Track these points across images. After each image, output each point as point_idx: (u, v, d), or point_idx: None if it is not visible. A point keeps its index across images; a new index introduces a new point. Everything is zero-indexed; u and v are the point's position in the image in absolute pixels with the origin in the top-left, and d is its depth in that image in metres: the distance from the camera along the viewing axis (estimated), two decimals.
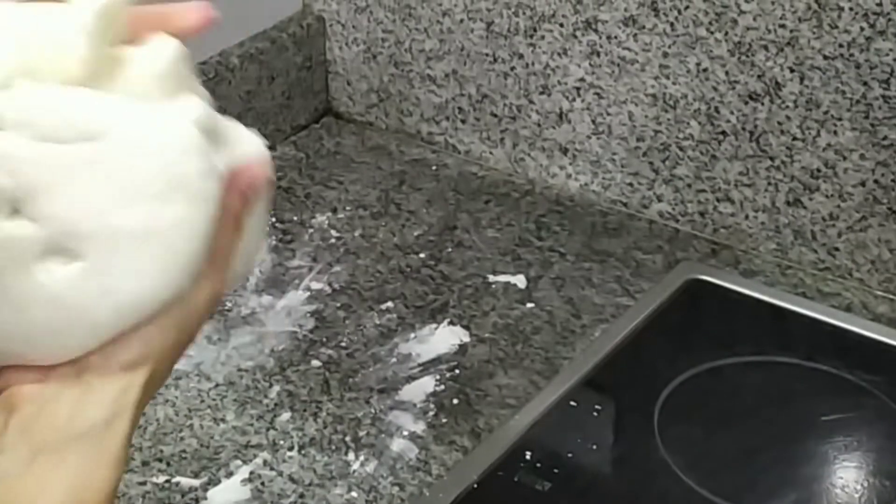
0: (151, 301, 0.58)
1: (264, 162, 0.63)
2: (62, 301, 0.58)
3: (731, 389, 0.96)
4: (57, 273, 0.57)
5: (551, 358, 0.99)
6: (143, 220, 0.57)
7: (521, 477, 0.87)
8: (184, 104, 0.61)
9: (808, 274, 1.09)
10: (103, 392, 0.58)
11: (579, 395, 0.94)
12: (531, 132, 1.19)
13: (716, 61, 1.06)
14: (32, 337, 0.58)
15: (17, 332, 0.58)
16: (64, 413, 0.57)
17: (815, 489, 0.88)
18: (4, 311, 0.58)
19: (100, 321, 0.58)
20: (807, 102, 1.03)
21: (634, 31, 1.09)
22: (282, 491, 0.88)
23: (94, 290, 0.57)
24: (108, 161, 0.57)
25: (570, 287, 1.07)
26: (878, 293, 1.06)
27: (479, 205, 1.18)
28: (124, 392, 0.58)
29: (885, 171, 1.02)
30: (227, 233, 0.60)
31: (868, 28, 0.99)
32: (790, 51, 1.03)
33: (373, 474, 0.89)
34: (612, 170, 1.16)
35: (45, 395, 0.58)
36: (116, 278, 0.58)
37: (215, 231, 0.59)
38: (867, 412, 0.94)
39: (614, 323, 1.02)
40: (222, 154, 0.60)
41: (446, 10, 1.19)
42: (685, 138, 1.11)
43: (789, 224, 1.09)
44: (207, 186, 0.58)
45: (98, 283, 0.57)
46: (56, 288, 0.57)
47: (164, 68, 0.61)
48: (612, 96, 1.13)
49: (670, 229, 1.15)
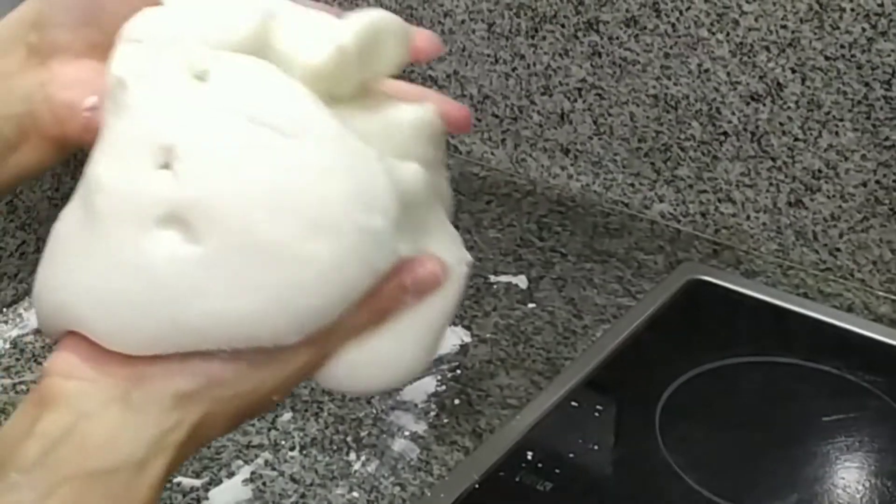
0: (243, 330, 0.52)
1: (450, 277, 0.58)
2: (154, 277, 0.52)
3: (733, 390, 0.96)
4: (166, 246, 0.52)
5: (553, 358, 0.99)
6: (285, 237, 0.52)
7: (523, 477, 0.87)
8: (404, 167, 0.56)
9: (809, 274, 1.09)
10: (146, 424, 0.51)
11: (581, 396, 0.94)
12: (533, 133, 1.19)
13: (717, 62, 1.06)
14: (106, 303, 0.52)
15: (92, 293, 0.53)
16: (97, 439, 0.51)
17: (816, 490, 0.88)
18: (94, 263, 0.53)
19: (181, 321, 0.52)
20: (808, 103, 1.03)
21: (636, 31, 1.09)
22: (283, 491, 0.88)
23: (192, 283, 0.52)
24: (288, 163, 0.52)
25: (571, 287, 1.07)
26: (880, 293, 1.06)
27: (480, 205, 1.18)
28: (170, 430, 0.52)
29: (886, 172, 1.02)
30: (361, 315, 0.55)
31: (870, 29, 0.99)
32: (792, 52, 1.03)
33: (374, 474, 0.89)
34: (614, 170, 1.16)
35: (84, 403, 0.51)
36: (222, 283, 0.52)
37: (350, 302, 0.53)
38: (869, 413, 0.94)
39: (616, 323, 1.02)
40: (410, 241, 0.56)
41: (448, 10, 1.19)
42: (686, 139, 1.11)
43: (791, 225, 1.09)
44: (370, 253, 0.53)
45: (203, 277, 0.52)
46: (155, 260, 0.52)
47: (411, 122, 0.59)
48: (613, 97, 1.13)
49: (672, 230, 1.15)
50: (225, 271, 0.52)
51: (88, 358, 0.53)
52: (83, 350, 0.53)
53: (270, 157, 0.52)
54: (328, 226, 0.52)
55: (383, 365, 0.59)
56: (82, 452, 0.50)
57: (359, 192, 0.53)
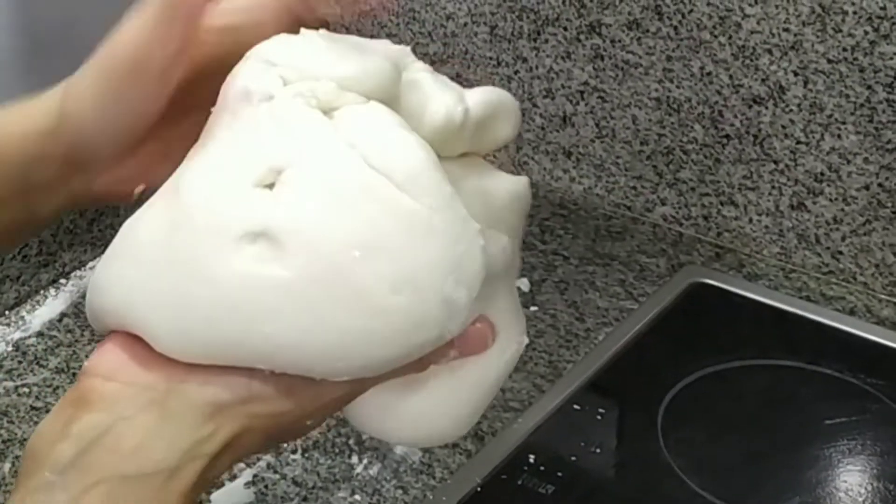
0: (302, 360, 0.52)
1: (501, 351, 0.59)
2: (230, 289, 0.52)
3: (735, 393, 0.96)
4: (249, 261, 0.52)
5: (555, 361, 0.99)
6: (371, 284, 0.52)
7: (525, 480, 0.87)
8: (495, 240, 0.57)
9: (811, 277, 1.09)
10: (181, 432, 0.51)
11: (583, 399, 0.94)
12: (535, 135, 1.19)
13: (719, 65, 1.06)
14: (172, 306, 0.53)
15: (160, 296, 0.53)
16: (132, 442, 0.51)
17: (819, 493, 0.88)
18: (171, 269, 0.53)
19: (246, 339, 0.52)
20: (810, 106, 1.03)
21: (638, 34, 1.09)
22: (285, 494, 0.88)
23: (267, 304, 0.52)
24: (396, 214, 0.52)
25: (573, 290, 1.07)
26: (882, 296, 1.06)
27: None
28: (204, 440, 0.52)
29: (889, 175, 1.02)
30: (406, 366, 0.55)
31: (872, 32, 0.99)
32: (794, 55, 1.03)
33: (376, 477, 0.89)
34: (616, 173, 1.16)
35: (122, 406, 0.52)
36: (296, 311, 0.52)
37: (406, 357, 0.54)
38: (871, 416, 0.94)
39: (618, 326, 1.02)
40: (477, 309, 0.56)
41: (450, 13, 1.19)
42: (689, 142, 1.11)
43: (793, 228, 1.09)
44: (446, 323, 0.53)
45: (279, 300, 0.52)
46: (235, 272, 0.52)
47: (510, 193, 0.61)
48: (615, 100, 1.13)
49: (674, 233, 1.15)
50: (302, 300, 0.52)
51: (132, 360, 0.53)
52: (129, 352, 0.53)
53: (379, 203, 0.52)
54: (417, 287, 0.52)
55: (413, 418, 0.60)
56: (116, 455, 0.50)
57: (455, 263, 0.53)
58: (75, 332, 1.01)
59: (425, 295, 0.52)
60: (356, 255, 0.51)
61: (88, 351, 0.99)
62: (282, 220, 0.52)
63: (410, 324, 0.53)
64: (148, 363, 0.53)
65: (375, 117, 0.55)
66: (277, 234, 0.52)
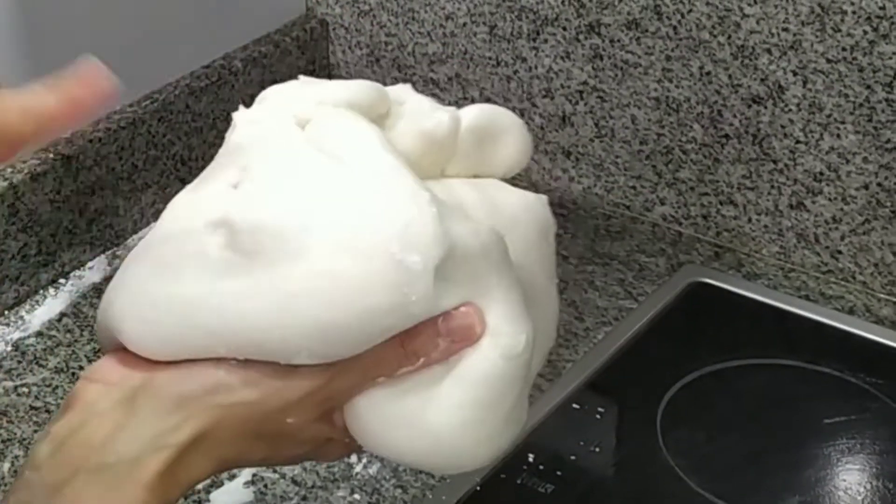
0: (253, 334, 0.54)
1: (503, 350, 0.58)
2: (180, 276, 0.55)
3: (735, 392, 0.96)
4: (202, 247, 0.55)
5: (554, 361, 0.99)
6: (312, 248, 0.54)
7: (524, 479, 0.87)
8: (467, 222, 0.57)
9: (811, 277, 1.09)
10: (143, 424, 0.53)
11: (582, 398, 0.94)
12: (534, 135, 1.19)
13: (719, 65, 1.06)
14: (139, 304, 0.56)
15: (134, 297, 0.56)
16: (100, 435, 0.53)
17: (818, 492, 0.88)
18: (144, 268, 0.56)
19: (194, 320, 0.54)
20: (810, 106, 1.04)
21: (637, 34, 1.09)
22: (284, 493, 0.88)
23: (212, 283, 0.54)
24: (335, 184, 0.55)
25: (573, 290, 1.07)
26: (882, 296, 1.06)
27: None
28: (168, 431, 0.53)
29: (888, 174, 1.02)
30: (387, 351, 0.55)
31: (871, 31, 0.99)
32: (793, 54, 1.03)
33: (375, 476, 0.89)
34: (615, 173, 1.16)
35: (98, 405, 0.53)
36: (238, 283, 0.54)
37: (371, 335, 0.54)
38: (871, 415, 0.94)
39: (617, 326, 1.02)
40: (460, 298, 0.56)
41: (449, 13, 1.19)
42: (688, 141, 1.11)
43: (792, 227, 1.09)
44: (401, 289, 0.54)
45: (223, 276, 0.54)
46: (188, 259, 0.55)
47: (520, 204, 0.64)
48: (615, 99, 1.13)
49: (673, 232, 1.15)
50: (246, 273, 0.54)
51: (119, 363, 0.55)
52: (119, 357, 0.56)
53: (321, 178, 0.55)
54: (360, 248, 0.53)
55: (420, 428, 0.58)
56: (86, 449, 0.52)
57: (401, 226, 0.54)
58: (74, 331, 1.01)
59: (371, 257, 0.53)
60: (296, 225, 0.54)
61: (88, 351, 0.99)
62: (237, 205, 0.55)
63: (358, 286, 0.53)
64: (131, 365, 0.55)
65: (338, 118, 0.58)
66: (233, 219, 0.54)
